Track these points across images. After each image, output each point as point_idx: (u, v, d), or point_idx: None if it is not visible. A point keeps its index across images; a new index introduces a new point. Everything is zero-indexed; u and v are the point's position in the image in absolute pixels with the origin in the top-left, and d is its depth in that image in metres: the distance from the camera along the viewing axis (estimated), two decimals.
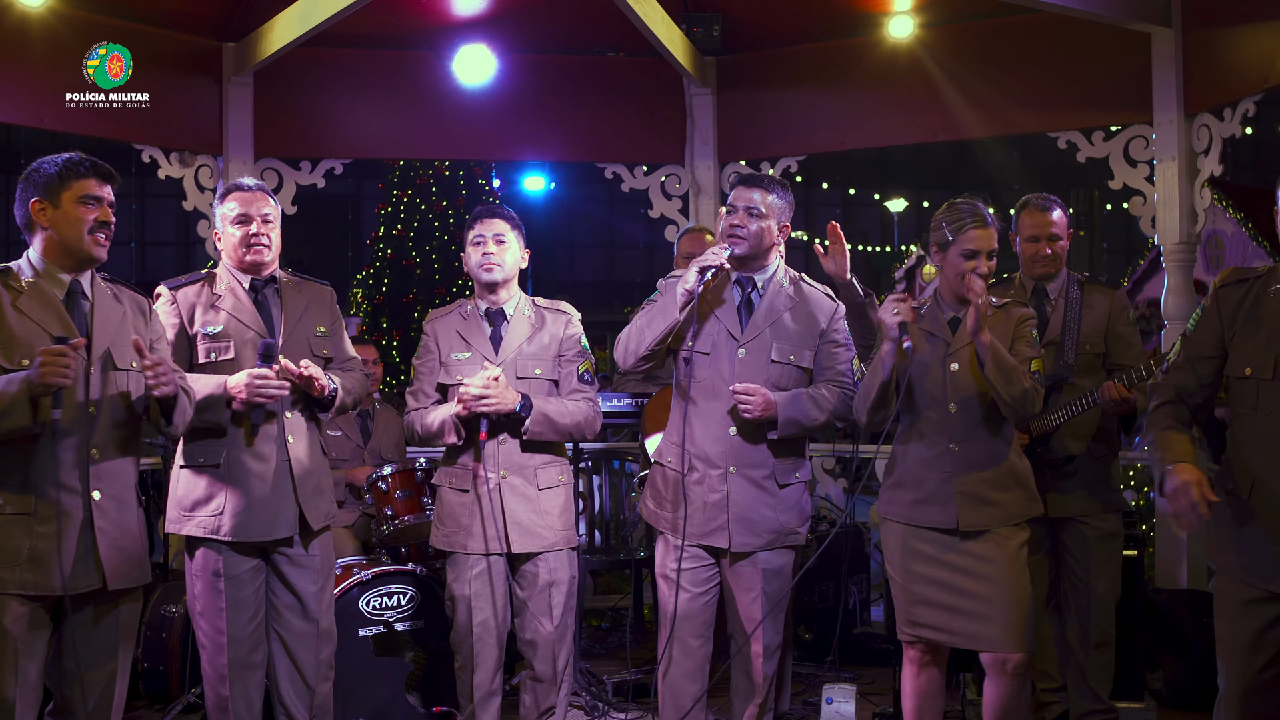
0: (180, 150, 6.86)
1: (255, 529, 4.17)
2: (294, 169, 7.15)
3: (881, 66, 6.92)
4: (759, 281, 4.30)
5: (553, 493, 4.50)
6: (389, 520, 5.45)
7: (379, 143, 7.42)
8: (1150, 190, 6.37)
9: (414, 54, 7.25)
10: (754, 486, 4.22)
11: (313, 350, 4.34)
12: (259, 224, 4.24)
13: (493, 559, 4.45)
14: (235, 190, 4.29)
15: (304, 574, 4.31)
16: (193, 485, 4.20)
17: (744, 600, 4.26)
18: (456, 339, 4.53)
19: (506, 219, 4.52)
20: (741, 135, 7.39)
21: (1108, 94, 6.46)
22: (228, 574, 4.18)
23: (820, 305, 4.34)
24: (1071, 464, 4.76)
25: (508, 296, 4.55)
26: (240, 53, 6.88)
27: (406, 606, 5.14)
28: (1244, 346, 3.47)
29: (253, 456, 4.18)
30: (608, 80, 7.56)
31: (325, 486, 4.39)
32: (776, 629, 4.31)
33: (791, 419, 4.17)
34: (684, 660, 4.29)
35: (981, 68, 6.68)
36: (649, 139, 7.50)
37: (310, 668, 4.33)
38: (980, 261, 4.01)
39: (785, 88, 7.27)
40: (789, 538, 4.28)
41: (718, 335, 4.25)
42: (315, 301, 4.44)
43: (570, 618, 4.54)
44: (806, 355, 4.28)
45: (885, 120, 7.08)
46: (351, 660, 4.95)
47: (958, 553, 4.03)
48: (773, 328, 4.25)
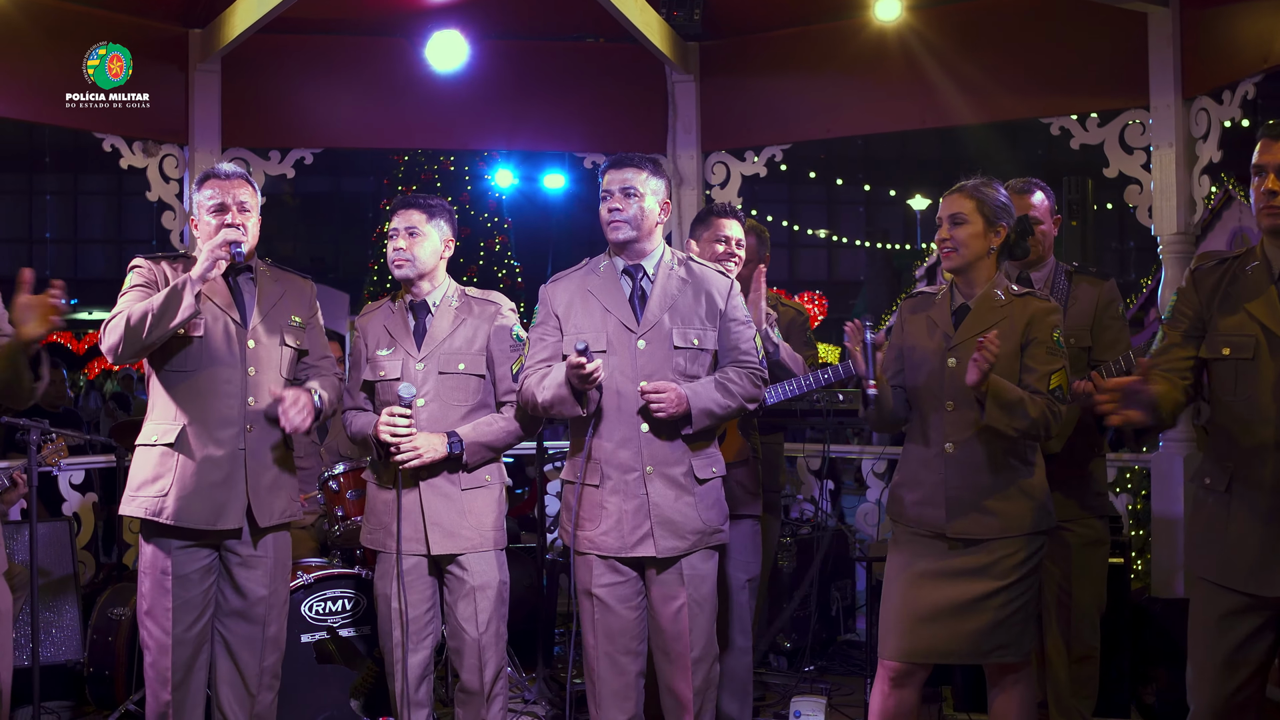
0: (144, 139, 6.66)
1: (199, 515, 4.02)
2: (263, 159, 6.95)
3: (868, 51, 6.66)
4: (648, 268, 4.07)
5: (478, 493, 4.28)
6: (340, 521, 5.26)
7: (350, 132, 7.20)
8: (1147, 178, 6.07)
9: (386, 40, 7.05)
10: (673, 486, 3.97)
11: (285, 340, 4.20)
12: (235, 211, 4.08)
13: (417, 559, 4.24)
14: (212, 177, 4.15)
15: (253, 575, 4.15)
16: (143, 463, 4.08)
17: (668, 611, 4.00)
18: (383, 334, 4.34)
19: (422, 209, 4.32)
20: (725, 123, 7.15)
21: (1102, 77, 6.18)
22: (176, 572, 4.04)
23: (715, 284, 4.11)
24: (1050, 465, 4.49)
25: (431, 288, 4.35)
26: (206, 39, 6.68)
27: (351, 611, 4.94)
28: (1222, 327, 3.28)
29: (208, 440, 4.03)
30: (586, 67, 7.34)
31: (285, 484, 4.22)
32: (708, 638, 4.05)
33: (704, 409, 3.93)
34: (614, 679, 4.03)
35: (971, 51, 6.42)
36: (629, 128, 7.26)
37: (253, 674, 4.17)
38: (942, 229, 3.83)
39: (769, 74, 7.03)
40: (713, 537, 4.04)
41: (612, 331, 4.01)
42: (292, 292, 4.31)
43: (499, 625, 4.30)
44: (710, 336, 4.05)
45: (872, 106, 6.82)
46: (293, 666, 4.77)
47: (950, 560, 3.78)
48: (670, 313, 4.01)
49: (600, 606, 4.01)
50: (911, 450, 3.92)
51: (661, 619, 4.01)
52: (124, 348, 3.88)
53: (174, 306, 3.84)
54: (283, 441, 4.20)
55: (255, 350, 4.11)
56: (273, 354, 4.17)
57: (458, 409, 4.25)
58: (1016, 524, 3.75)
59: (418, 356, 4.26)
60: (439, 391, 4.25)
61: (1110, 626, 4.80)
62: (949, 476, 3.77)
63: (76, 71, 6.25)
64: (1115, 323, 4.57)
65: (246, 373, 4.09)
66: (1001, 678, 3.86)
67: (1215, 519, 3.26)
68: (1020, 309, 3.81)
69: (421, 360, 4.25)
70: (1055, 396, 3.72)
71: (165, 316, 3.84)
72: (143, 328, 3.84)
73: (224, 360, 4.07)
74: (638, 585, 4.04)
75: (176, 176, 6.79)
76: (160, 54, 6.66)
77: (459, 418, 4.24)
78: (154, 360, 4.07)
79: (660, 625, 4.02)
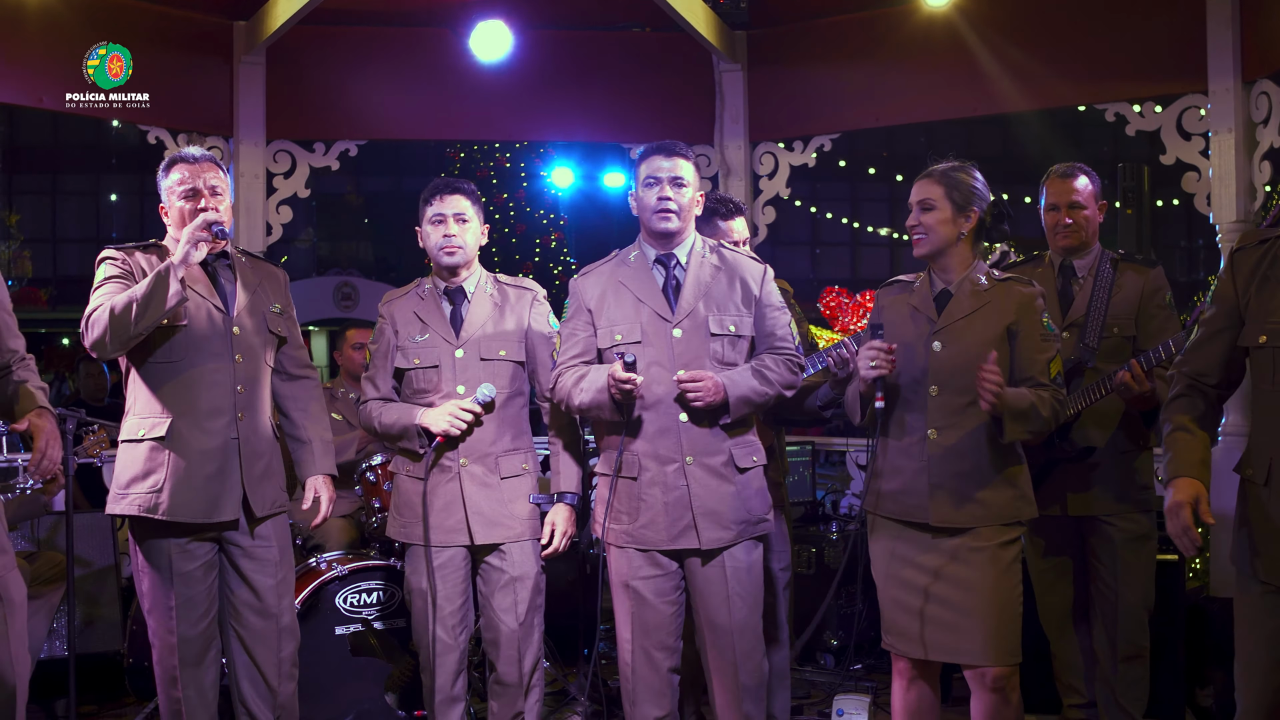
0: (189, 132, 6.67)
1: (194, 509, 3.90)
2: (307, 151, 6.93)
3: (917, 37, 6.52)
4: (680, 257, 3.97)
5: (516, 481, 4.22)
6: (376, 512, 5.22)
7: (394, 123, 7.15)
8: (1205, 165, 5.89)
9: (430, 31, 7.00)
10: (714, 476, 3.86)
11: (269, 327, 4.12)
12: (207, 196, 3.96)
13: (453, 551, 4.16)
14: (180, 161, 4.01)
15: (259, 567, 4.05)
16: (131, 460, 3.95)
17: (713, 605, 3.89)
18: (414, 320, 4.27)
19: (467, 194, 4.26)
20: (772, 113, 7.04)
21: (1159, 61, 5.99)
22: (177, 570, 3.93)
23: (749, 269, 4.01)
24: (1092, 456, 4.36)
25: (468, 274, 4.30)
26: (250, 31, 6.68)
27: (387, 603, 4.88)
28: (1259, 311, 3.08)
29: (199, 431, 3.92)
30: (632, 57, 7.25)
31: (275, 471, 4.13)
32: (754, 632, 3.94)
33: (742, 398, 3.83)
34: (649, 675, 3.93)
35: (1022, 36, 6.26)
36: (676, 118, 7.16)
37: (271, 667, 4.07)
38: (913, 214, 3.72)
39: (817, 62, 6.91)
40: (757, 527, 3.93)
41: (646, 321, 3.91)
42: (269, 280, 4.21)
43: (537, 616, 4.24)
44: (746, 322, 3.95)
45: (922, 94, 6.67)
46: (327, 659, 4.74)
47: (935, 553, 3.67)
48: (705, 300, 3.91)
49: (637, 600, 3.91)
50: (890, 437, 3.78)
51: (706, 612, 3.91)
52: (111, 340, 3.73)
53: (161, 293, 3.70)
54: (273, 429, 4.14)
55: (241, 337, 4.01)
56: (257, 341, 4.07)
57: (499, 395, 4.19)
58: (1000, 512, 3.64)
59: (457, 343, 4.19)
60: (479, 378, 4.18)
61: (1162, 626, 4.65)
62: (932, 463, 3.65)
63: None
64: (1161, 311, 4.43)
65: (234, 360, 3.98)
66: (983, 679, 3.67)
67: (1255, 512, 3.11)
68: (1004, 295, 3.71)
69: (461, 347, 4.18)
70: (1057, 384, 3.65)
71: (152, 304, 3.70)
72: (128, 317, 3.70)
73: (210, 349, 3.95)
74: (677, 579, 3.94)
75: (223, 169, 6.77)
76: (205, 47, 6.68)
77: (499, 405, 4.19)
78: (135, 354, 3.93)
79: (705, 619, 3.92)
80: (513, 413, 4.26)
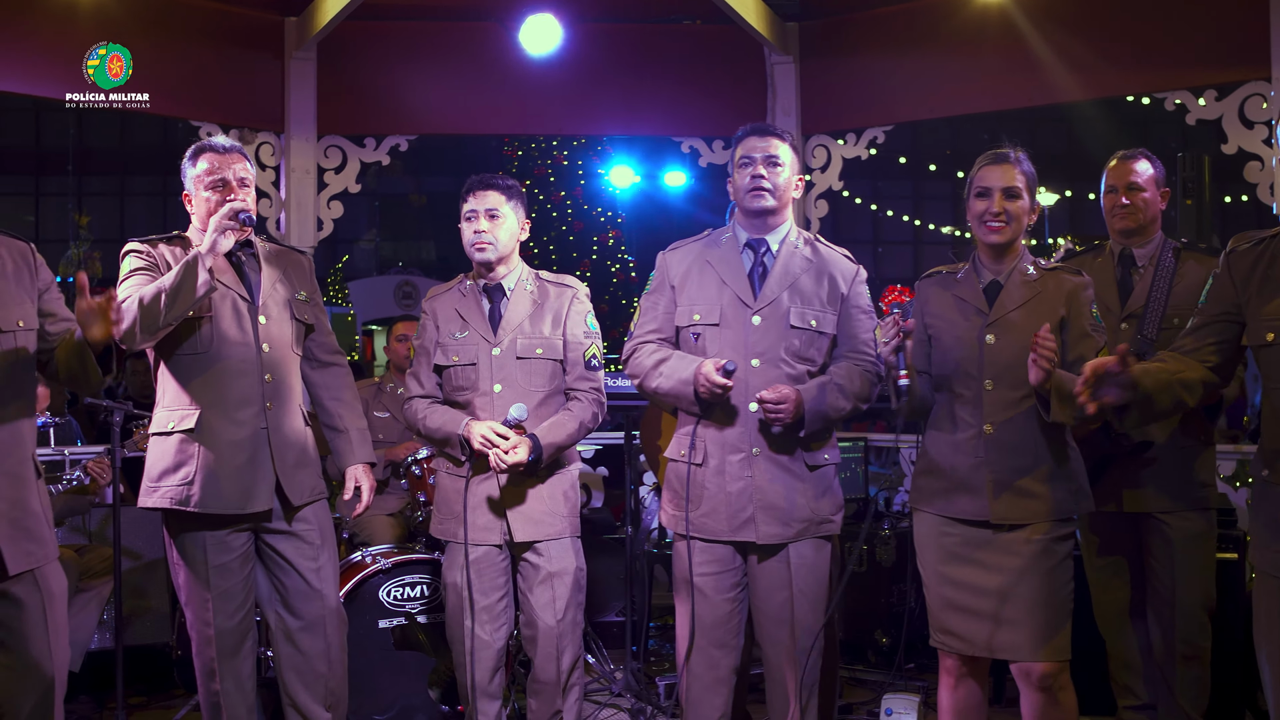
0: (240, 127, 6.70)
1: (228, 500, 3.87)
2: (358, 146, 6.96)
3: (970, 27, 6.42)
4: (772, 243, 3.89)
5: (554, 478, 4.16)
6: (421, 507, 5.21)
7: (445, 118, 7.15)
8: (1269, 154, 5.73)
9: (479, 25, 6.99)
10: (781, 470, 3.78)
11: (295, 315, 4.08)
12: (235, 187, 3.93)
13: (490, 547, 4.13)
14: (208, 150, 3.97)
15: (301, 549, 4.01)
16: (162, 453, 3.93)
17: (775, 602, 3.81)
18: (455, 317, 4.22)
19: (502, 189, 4.20)
20: (825, 105, 6.96)
21: (1219, 48, 5.84)
22: (212, 562, 3.90)
23: (841, 267, 3.92)
24: (1149, 451, 4.23)
25: (506, 271, 4.24)
26: (301, 26, 6.70)
27: (429, 598, 4.87)
28: (1262, 311, 3.02)
29: (228, 422, 3.89)
30: (682, 49, 7.20)
31: (309, 459, 4.10)
32: (815, 631, 3.83)
33: (819, 413, 3.73)
34: (706, 672, 3.86)
35: (1078, 23, 6.13)
36: (727, 111, 7.07)
37: (320, 653, 4.02)
38: (994, 200, 3.59)
39: (870, 53, 6.82)
40: (822, 527, 3.82)
41: (727, 304, 3.83)
42: (293, 267, 4.17)
43: (577, 613, 4.18)
44: (829, 320, 3.85)
45: (975, 84, 6.56)
46: (370, 653, 4.73)
47: (990, 549, 3.58)
48: (790, 291, 3.82)
49: (698, 595, 3.84)
50: (938, 435, 3.69)
51: (767, 609, 3.83)
52: (141, 330, 3.69)
53: (190, 282, 3.68)
54: (304, 418, 4.11)
55: (267, 326, 3.98)
56: (284, 329, 4.04)
57: (534, 394, 4.14)
58: (1057, 506, 3.56)
59: (494, 341, 4.15)
60: (516, 377, 4.14)
61: (1223, 625, 4.51)
62: (990, 459, 3.57)
63: (169, 63, 6.32)
64: None
65: (261, 349, 3.95)
66: (1034, 677, 3.58)
67: (1271, 510, 3.01)
68: (1054, 284, 3.63)
69: (498, 345, 4.14)
70: None
71: (182, 293, 3.67)
72: (158, 307, 3.67)
73: (237, 339, 3.92)
74: (739, 575, 3.86)
75: (273, 164, 6.82)
76: (256, 43, 6.72)
77: (535, 404, 4.13)
78: (162, 346, 3.92)
79: (766, 615, 3.84)
80: (549, 411, 4.18)
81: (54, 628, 3.36)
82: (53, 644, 3.35)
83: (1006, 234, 3.62)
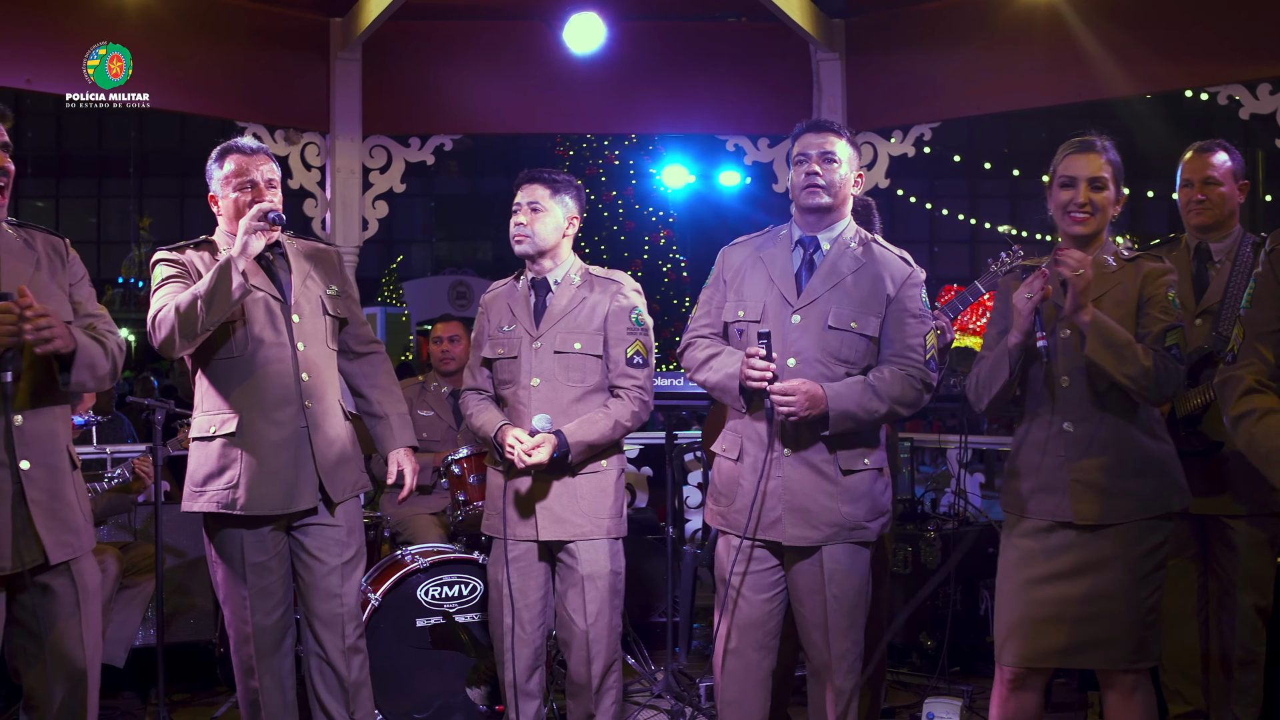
0: (285, 128, 6.74)
1: (273, 501, 3.90)
2: (403, 146, 6.98)
3: (1017, 22, 6.34)
4: (823, 242, 3.80)
5: (591, 479, 4.11)
6: (461, 506, 5.19)
7: (489, 117, 7.16)
8: None
9: (523, 24, 7.00)
10: (812, 472, 3.70)
11: (327, 310, 4.08)
12: (263, 188, 3.95)
13: (529, 546, 4.11)
14: (235, 151, 3.99)
15: (323, 545, 4.01)
16: (205, 458, 3.95)
17: (810, 606, 3.74)
18: (505, 311, 4.22)
19: (546, 183, 4.17)
20: (871, 102, 6.90)
21: (1272, 40, 5.71)
22: (251, 560, 3.92)
23: (892, 267, 3.78)
24: (1218, 453, 4.12)
25: (553, 265, 4.21)
26: (346, 27, 6.73)
27: (469, 597, 4.85)
28: None
29: (269, 424, 3.91)
30: (727, 47, 7.17)
31: (351, 456, 4.10)
32: (851, 638, 3.75)
33: (845, 412, 3.62)
34: (743, 674, 3.81)
35: (1126, 17, 6.03)
36: (773, 109, 7.05)
37: (336, 651, 4.03)
38: (1080, 191, 3.49)
39: (916, 49, 6.75)
40: (855, 533, 3.71)
41: (771, 302, 3.77)
42: (322, 262, 4.17)
43: (611, 616, 4.13)
44: (871, 322, 3.72)
45: (1022, 80, 6.47)
46: (408, 652, 4.72)
47: (1075, 551, 3.47)
48: (832, 291, 3.73)
49: (734, 595, 3.80)
50: (1025, 433, 3.60)
51: (803, 613, 3.77)
52: (180, 339, 3.72)
53: (224, 286, 3.68)
54: (344, 414, 4.10)
55: (301, 325, 3.98)
56: (317, 326, 4.04)
57: (571, 390, 4.11)
58: (1149, 504, 3.45)
59: (535, 334, 4.13)
60: (553, 372, 4.11)
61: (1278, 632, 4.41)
62: (1070, 458, 3.47)
63: (219, 64, 6.37)
64: None
65: (296, 348, 3.95)
66: (1120, 681, 3.50)
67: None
68: (1132, 273, 3.51)
69: (539, 339, 4.12)
70: (1172, 354, 3.41)
71: (217, 298, 3.68)
72: (195, 314, 3.68)
73: (271, 340, 3.93)
74: (777, 575, 3.80)
75: (318, 164, 6.86)
76: (301, 43, 6.76)
77: (572, 399, 4.09)
78: (198, 352, 3.91)
79: (802, 619, 3.78)
80: (587, 409, 4.12)
81: (87, 621, 3.38)
82: (85, 637, 3.36)
83: (1092, 225, 3.52)
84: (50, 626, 3.29)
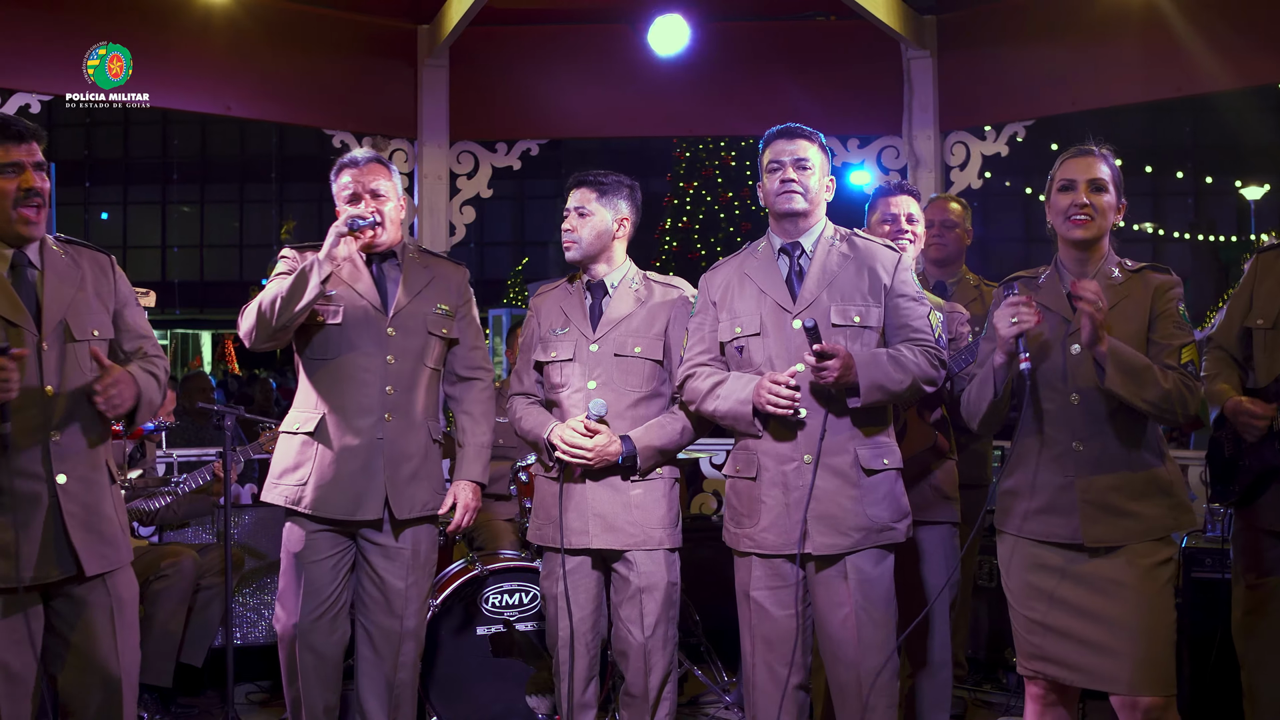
0: (373, 135, 6.81)
1: (337, 505, 3.95)
2: (489, 151, 7.01)
3: (1113, 15, 6.12)
4: (806, 244, 3.75)
5: (646, 486, 4.03)
6: (529, 513, 5.17)
7: (574, 121, 7.16)
8: None
9: (607, 27, 6.99)
10: (836, 476, 3.60)
11: (430, 329, 4.10)
12: (368, 199, 4.02)
13: (583, 557, 4.05)
14: (348, 166, 4.09)
15: (392, 567, 4.03)
16: (286, 451, 4.07)
17: (835, 619, 3.63)
18: (558, 313, 4.16)
19: (593, 186, 4.11)
20: (963, 100, 6.72)
21: None
22: (309, 558, 3.98)
23: (880, 257, 3.73)
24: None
25: (608, 269, 4.14)
26: (432, 34, 6.78)
27: (530, 606, 4.83)
28: None
29: (346, 429, 3.97)
30: (815, 47, 7.05)
31: (427, 475, 4.10)
32: (880, 648, 3.64)
33: (875, 382, 3.54)
34: (772, 689, 3.72)
35: (1224, 8, 5.78)
36: (862, 109, 6.93)
37: (390, 666, 4.05)
38: (1079, 192, 3.39)
39: (1009, 45, 6.56)
40: (882, 535, 3.63)
41: (767, 312, 3.70)
42: (441, 279, 4.18)
43: (668, 628, 4.05)
44: (873, 314, 3.67)
45: (1120, 74, 6.23)
46: (468, 659, 4.72)
47: (1084, 574, 3.34)
48: (829, 290, 3.67)
49: (758, 611, 3.71)
50: (1027, 449, 3.46)
51: (828, 625, 3.66)
52: (258, 332, 3.87)
53: (299, 288, 3.79)
54: (427, 433, 4.10)
55: (396, 338, 4.02)
56: (414, 342, 4.06)
57: (630, 394, 4.04)
58: (1156, 525, 3.31)
59: (593, 338, 4.07)
60: (611, 375, 4.05)
61: None
62: (1080, 477, 3.34)
63: (308, 73, 6.46)
64: None
65: (386, 361, 3.99)
66: (1143, 715, 3.31)
67: None
68: (1140, 285, 3.38)
69: (596, 342, 4.06)
70: (1188, 372, 3.27)
71: (293, 299, 3.80)
72: (272, 311, 3.81)
73: (362, 347, 3.99)
74: (801, 591, 3.70)
75: (405, 170, 6.92)
76: (389, 51, 6.83)
77: (630, 404, 4.03)
78: (298, 347, 4.05)
79: (827, 632, 3.67)
80: (648, 414, 4.06)
81: (123, 631, 3.42)
82: (120, 647, 3.40)
83: (1092, 229, 3.40)
84: (87, 636, 3.35)
